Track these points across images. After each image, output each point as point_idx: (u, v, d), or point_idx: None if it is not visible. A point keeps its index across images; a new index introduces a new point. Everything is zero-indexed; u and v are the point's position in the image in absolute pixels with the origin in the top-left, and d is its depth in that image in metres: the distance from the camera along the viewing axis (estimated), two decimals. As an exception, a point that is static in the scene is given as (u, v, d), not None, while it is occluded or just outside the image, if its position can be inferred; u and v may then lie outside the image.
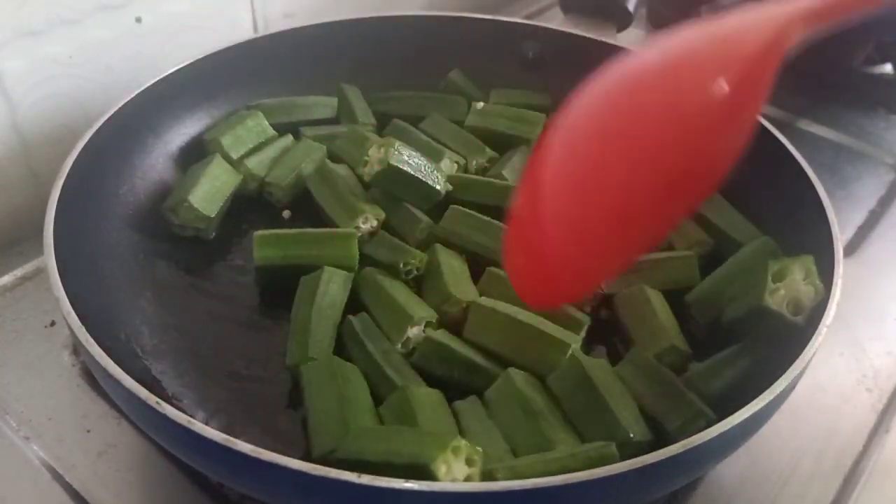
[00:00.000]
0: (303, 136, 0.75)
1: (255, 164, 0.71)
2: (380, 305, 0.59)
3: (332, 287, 0.59)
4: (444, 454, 0.44)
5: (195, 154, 0.71)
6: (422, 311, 0.58)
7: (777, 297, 0.54)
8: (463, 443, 0.45)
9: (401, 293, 0.59)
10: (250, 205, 0.71)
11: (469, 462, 0.45)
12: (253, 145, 0.72)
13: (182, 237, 0.66)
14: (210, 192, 0.66)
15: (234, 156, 0.71)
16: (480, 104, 0.79)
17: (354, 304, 0.60)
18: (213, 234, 0.68)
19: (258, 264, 0.62)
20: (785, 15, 0.40)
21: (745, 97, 0.40)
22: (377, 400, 0.53)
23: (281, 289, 0.61)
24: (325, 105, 0.78)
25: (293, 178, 0.70)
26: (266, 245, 0.62)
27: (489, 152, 0.74)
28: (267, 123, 0.74)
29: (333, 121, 0.78)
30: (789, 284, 0.54)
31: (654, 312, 0.58)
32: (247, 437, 0.41)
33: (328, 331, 0.57)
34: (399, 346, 0.56)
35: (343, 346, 0.57)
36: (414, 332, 0.57)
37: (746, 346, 0.55)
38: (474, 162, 0.73)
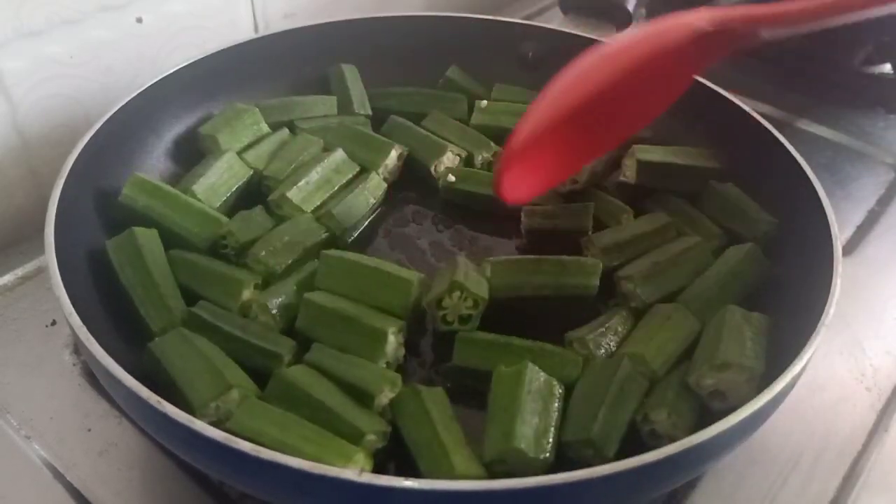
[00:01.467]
0: (298, 129, 0.75)
1: (253, 157, 0.71)
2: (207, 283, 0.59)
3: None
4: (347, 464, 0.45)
5: (196, 154, 0.71)
6: (247, 275, 0.59)
7: (703, 383, 0.52)
8: (361, 455, 0.46)
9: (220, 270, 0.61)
10: (259, 201, 0.69)
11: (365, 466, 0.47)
12: (249, 140, 0.72)
13: (183, 238, 0.66)
14: (215, 185, 0.67)
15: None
16: (484, 102, 0.79)
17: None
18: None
19: (121, 199, 0.62)
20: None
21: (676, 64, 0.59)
22: (258, 377, 0.53)
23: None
24: (323, 103, 0.78)
25: (291, 172, 0.70)
26: (138, 188, 0.63)
27: (494, 146, 0.75)
28: (262, 119, 0.73)
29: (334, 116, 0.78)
30: (726, 378, 0.51)
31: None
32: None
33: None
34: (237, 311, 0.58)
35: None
36: (246, 295, 0.58)
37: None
38: (479, 157, 0.74)
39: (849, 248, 0.75)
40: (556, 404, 0.51)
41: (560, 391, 0.52)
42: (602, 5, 0.83)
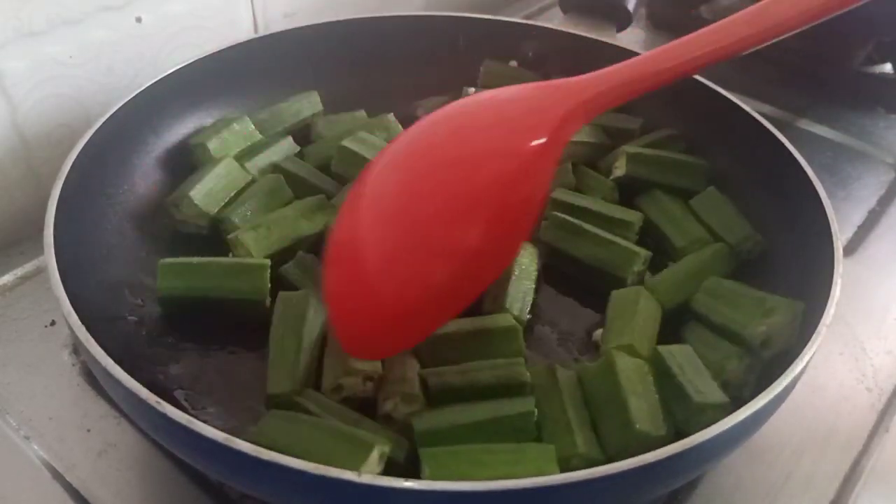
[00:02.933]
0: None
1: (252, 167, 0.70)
2: None
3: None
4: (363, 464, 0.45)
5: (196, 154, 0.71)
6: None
7: (756, 332, 0.54)
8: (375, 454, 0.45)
9: None
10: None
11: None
12: (241, 149, 0.71)
13: (184, 236, 0.66)
14: (214, 189, 0.66)
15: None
16: (472, 90, 0.77)
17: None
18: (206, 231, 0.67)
19: (160, 294, 0.58)
20: (579, 96, 0.52)
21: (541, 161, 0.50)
22: None
23: (189, 314, 0.59)
24: (307, 100, 0.77)
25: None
26: (170, 275, 0.59)
27: None
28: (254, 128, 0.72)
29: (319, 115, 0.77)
30: (773, 322, 0.54)
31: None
32: (247, 436, 0.41)
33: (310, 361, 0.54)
34: None
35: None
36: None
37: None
38: None
39: (849, 249, 0.75)
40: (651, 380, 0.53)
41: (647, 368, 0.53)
42: (602, 5, 0.83)
